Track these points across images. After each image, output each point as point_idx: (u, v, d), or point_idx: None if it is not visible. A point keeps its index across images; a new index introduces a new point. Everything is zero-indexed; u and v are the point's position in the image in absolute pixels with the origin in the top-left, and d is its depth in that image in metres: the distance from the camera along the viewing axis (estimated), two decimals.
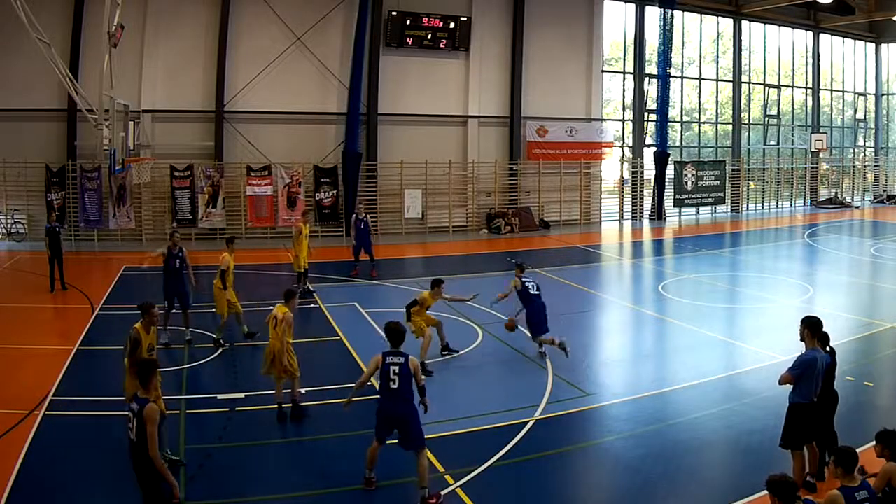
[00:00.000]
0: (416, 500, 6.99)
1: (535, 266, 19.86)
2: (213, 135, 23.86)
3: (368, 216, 19.40)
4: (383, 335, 7.56)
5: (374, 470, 7.36)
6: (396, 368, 7.15)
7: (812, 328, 7.18)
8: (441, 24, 26.09)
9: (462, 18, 26.41)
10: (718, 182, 31.94)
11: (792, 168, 36.70)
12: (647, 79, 30.98)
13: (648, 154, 31.06)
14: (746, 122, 34.96)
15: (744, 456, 8.05)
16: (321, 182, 24.80)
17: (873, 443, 6.07)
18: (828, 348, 7.46)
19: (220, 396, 9.66)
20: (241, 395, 9.79)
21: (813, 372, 7.06)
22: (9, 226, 22.52)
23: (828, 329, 7.44)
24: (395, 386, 7.15)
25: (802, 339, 7.25)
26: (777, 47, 35.48)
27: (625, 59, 31.15)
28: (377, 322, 13.50)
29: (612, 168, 31.48)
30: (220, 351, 11.82)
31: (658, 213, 30.89)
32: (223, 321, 12.18)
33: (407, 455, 7.26)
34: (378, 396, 7.39)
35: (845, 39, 37.56)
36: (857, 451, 5.53)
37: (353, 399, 7.58)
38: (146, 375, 5.93)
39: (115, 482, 7.54)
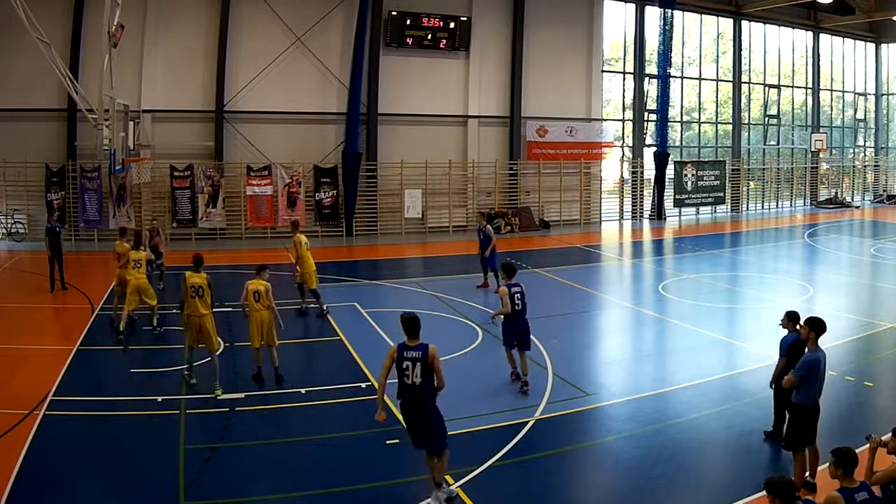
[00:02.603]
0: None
1: (536, 266, 19.88)
2: (213, 135, 23.87)
3: (490, 227, 17.23)
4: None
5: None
6: None
7: (816, 329, 7.17)
8: (441, 24, 26.09)
9: (462, 18, 26.42)
10: (718, 182, 31.94)
11: (792, 168, 36.70)
12: (647, 79, 30.98)
13: (648, 154, 31.06)
14: (746, 122, 34.96)
15: (744, 456, 8.05)
16: (321, 182, 24.80)
17: (888, 435, 5.94)
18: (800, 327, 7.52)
19: (220, 396, 9.65)
20: (241, 395, 9.79)
21: (816, 373, 7.07)
22: (9, 226, 22.53)
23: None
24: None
25: (804, 340, 7.24)
26: (777, 47, 35.48)
27: (625, 59, 31.15)
28: (377, 322, 13.52)
29: (612, 168, 31.49)
30: (221, 349, 11.81)
31: (658, 213, 30.90)
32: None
33: (408, 453, 7.29)
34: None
35: (845, 39, 37.55)
36: (857, 451, 5.51)
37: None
38: (416, 327, 7.05)
39: (115, 482, 7.56)
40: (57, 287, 16.04)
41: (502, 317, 10.17)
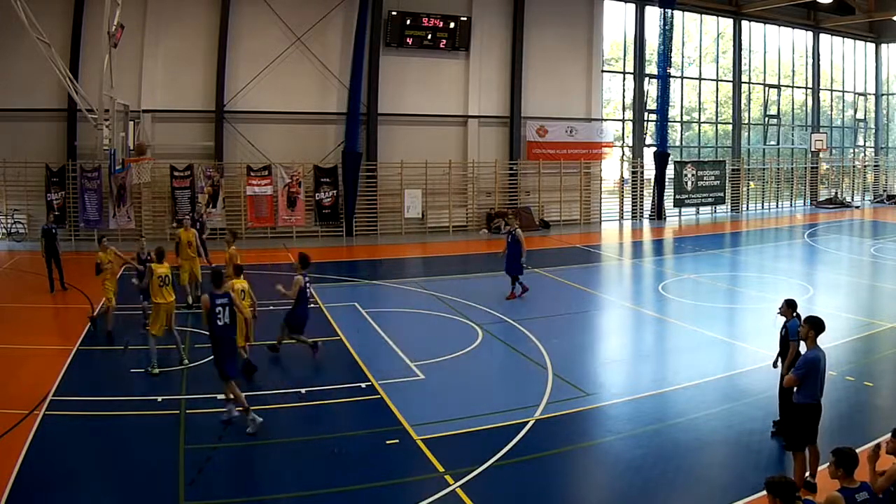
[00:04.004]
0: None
1: (536, 266, 19.87)
2: (213, 135, 23.86)
3: (520, 229, 15.90)
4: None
5: None
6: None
7: (816, 328, 7.18)
8: (441, 24, 26.09)
9: (462, 18, 26.41)
10: (718, 182, 31.95)
11: (792, 168, 36.70)
12: (647, 79, 30.98)
13: (648, 154, 31.05)
14: (746, 122, 34.97)
15: (744, 456, 8.05)
16: (321, 182, 24.80)
17: (887, 437, 5.89)
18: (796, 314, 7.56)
19: (219, 396, 9.64)
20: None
21: (817, 372, 7.06)
22: (9, 226, 22.52)
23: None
24: None
25: (804, 339, 7.24)
26: (777, 47, 35.48)
27: (625, 59, 31.14)
28: (377, 322, 13.53)
29: (612, 168, 31.48)
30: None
31: (658, 213, 30.90)
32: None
33: (408, 453, 7.28)
34: None
35: (845, 39, 37.55)
36: (857, 451, 5.51)
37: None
38: (222, 279, 9.04)
39: (115, 482, 7.56)
40: (56, 287, 16.03)
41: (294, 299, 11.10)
